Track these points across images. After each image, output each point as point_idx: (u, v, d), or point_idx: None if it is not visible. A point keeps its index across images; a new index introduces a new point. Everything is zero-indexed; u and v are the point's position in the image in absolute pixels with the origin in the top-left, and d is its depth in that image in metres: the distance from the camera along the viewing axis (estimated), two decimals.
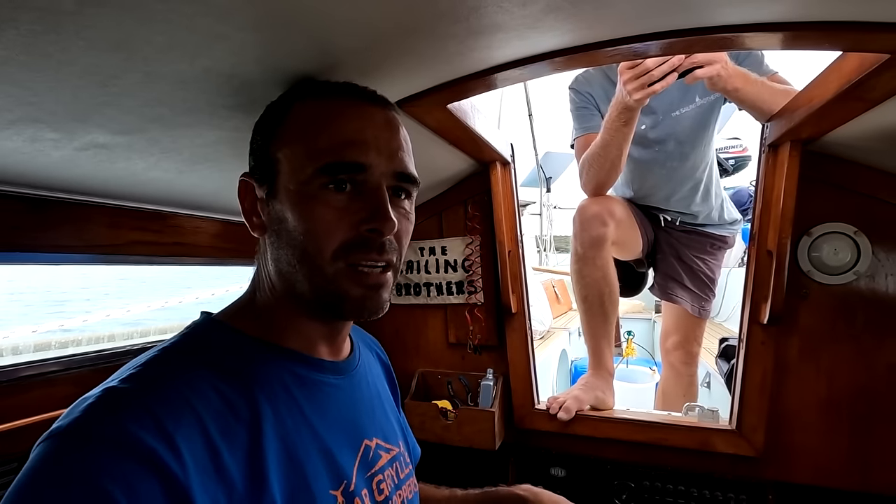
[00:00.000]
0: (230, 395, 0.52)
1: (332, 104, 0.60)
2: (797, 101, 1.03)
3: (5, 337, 3.02)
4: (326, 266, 0.56)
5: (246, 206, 0.62)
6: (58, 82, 0.54)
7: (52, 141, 0.64)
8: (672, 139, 1.69)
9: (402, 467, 0.72)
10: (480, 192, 1.48)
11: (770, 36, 0.70)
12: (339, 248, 0.56)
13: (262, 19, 0.52)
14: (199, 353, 0.55)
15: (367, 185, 0.57)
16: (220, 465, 0.47)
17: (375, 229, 0.56)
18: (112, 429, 0.43)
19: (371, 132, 0.58)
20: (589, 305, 1.61)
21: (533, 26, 0.63)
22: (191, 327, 0.59)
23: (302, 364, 0.62)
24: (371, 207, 0.56)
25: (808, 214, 1.18)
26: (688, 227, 1.90)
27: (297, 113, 0.60)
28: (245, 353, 0.57)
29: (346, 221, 0.56)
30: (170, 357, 0.53)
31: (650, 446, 1.35)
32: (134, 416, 0.44)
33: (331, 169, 0.55)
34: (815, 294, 1.20)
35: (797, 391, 1.22)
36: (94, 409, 0.45)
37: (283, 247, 0.58)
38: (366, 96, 0.62)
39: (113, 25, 0.47)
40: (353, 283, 0.57)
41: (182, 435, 0.45)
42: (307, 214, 0.56)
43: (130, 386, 0.48)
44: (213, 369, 0.53)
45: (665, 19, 0.67)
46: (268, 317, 0.62)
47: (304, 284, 0.58)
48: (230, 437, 0.49)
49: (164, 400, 0.47)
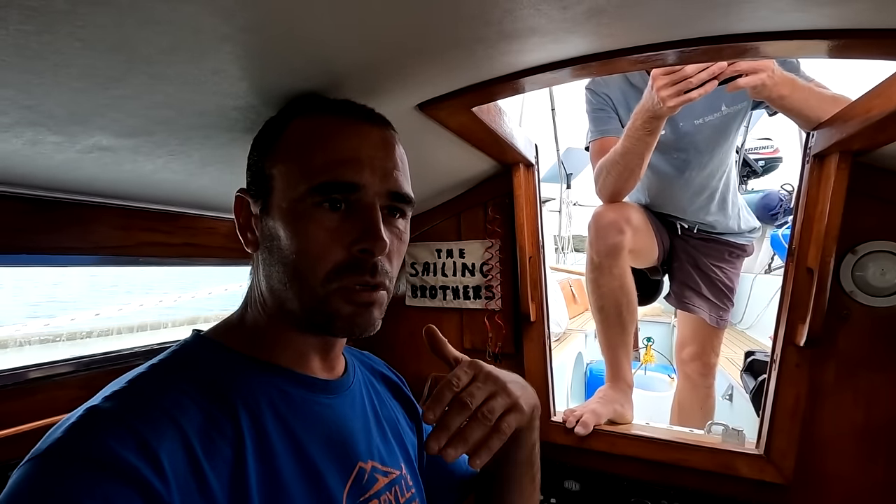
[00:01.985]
0: (215, 412, 0.51)
1: (327, 122, 0.59)
2: (852, 111, 0.95)
3: (17, 329, 3.08)
4: (318, 287, 0.56)
5: (241, 222, 0.62)
6: (55, 85, 0.50)
7: (54, 144, 0.61)
8: (692, 148, 1.62)
9: (404, 491, 0.69)
10: (502, 194, 1.42)
11: (817, 44, 0.64)
12: (332, 271, 0.56)
13: (268, 20, 0.47)
14: (186, 369, 0.54)
15: (360, 204, 0.56)
16: (204, 484, 0.46)
17: (367, 249, 0.55)
18: (94, 448, 0.42)
19: (366, 151, 0.57)
20: (605, 316, 1.55)
21: (571, 30, 0.57)
22: (180, 344, 0.59)
23: (291, 381, 0.60)
24: (363, 227, 0.56)
25: (854, 231, 1.10)
26: (705, 235, 1.83)
27: (293, 130, 0.59)
28: (232, 370, 0.56)
29: (338, 242, 0.56)
30: (155, 374, 0.53)
31: (669, 466, 1.29)
32: (116, 434, 0.43)
33: (325, 188, 0.55)
34: (857, 316, 1.12)
35: (832, 417, 1.15)
36: (76, 429, 0.44)
37: (275, 264, 0.58)
38: (362, 115, 0.61)
39: (110, 26, 0.43)
40: (344, 301, 0.57)
41: (165, 451, 0.44)
42: (300, 233, 0.55)
43: (113, 404, 0.47)
44: (199, 386, 0.52)
45: (708, 24, 0.62)
46: (258, 333, 0.61)
47: (294, 302, 0.57)
48: (214, 455, 0.48)
49: (147, 417, 0.46)
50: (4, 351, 2.96)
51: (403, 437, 0.77)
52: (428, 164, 1.18)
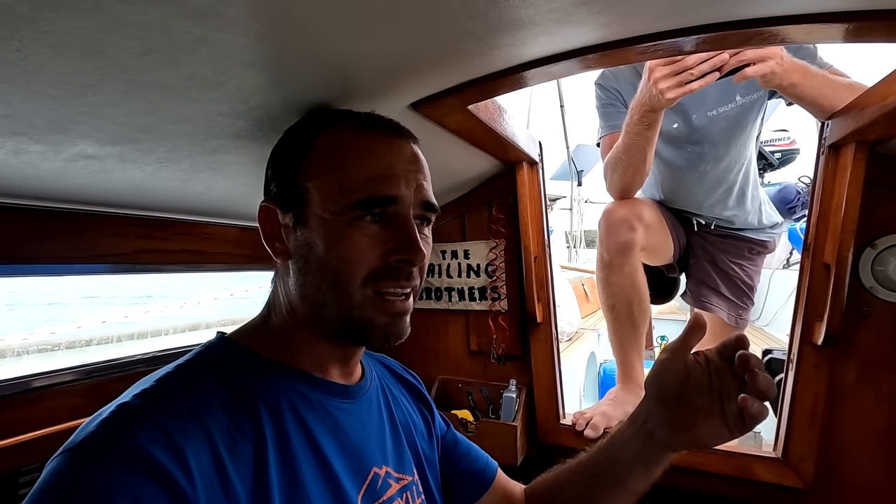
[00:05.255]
0: (238, 413, 0.52)
1: (361, 138, 0.61)
2: (867, 99, 0.90)
3: (24, 339, 3.14)
4: (355, 292, 0.58)
5: (267, 231, 0.63)
6: (30, 93, 0.49)
7: (38, 153, 0.60)
8: (707, 140, 1.57)
9: (415, 497, 0.70)
10: (506, 193, 1.39)
11: (830, 27, 0.60)
12: (367, 276, 0.58)
13: (244, 20, 0.45)
14: (212, 370, 0.56)
15: (397, 216, 0.60)
16: (227, 482, 0.47)
17: (406, 259, 0.59)
18: (123, 443, 0.44)
19: (401, 166, 0.61)
20: (616, 315, 1.51)
21: (562, 21, 0.55)
22: (205, 346, 0.61)
23: (312, 385, 0.62)
24: (401, 238, 0.59)
25: (873, 224, 1.05)
26: (723, 231, 1.77)
27: (323, 143, 0.61)
28: (255, 372, 0.58)
29: (376, 251, 0.59)
30: (182, 374, 0.55)
31: (683, 469, 1.25)
32: (145, 431, 0.45)
33: (366, 203, 0.58)
34: (879, 313, 1.07)
35: (853, 419, 1.10)
36: (107, 425, 0.46)
37: (312, 272, 0.60)
38: (392, 129, 0.64)
39: (77, 30, 0.41)
40: (379, 311, 0.59)
41: (191, 450, 0.45)
42: (341, 243, 0.58)
43: (143, 402, 0.49)
44: (224, 387, 0.54)
45: (709, 11, 0.58)
46: (282, 338, 0.63)
47: (332, 309, 0.59)
48: (237, 454, 0.49)
49: (175, 416, 0.47)
50: (3, 360, 3.01)
51: (417, 441, 0.77)
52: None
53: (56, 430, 0.91)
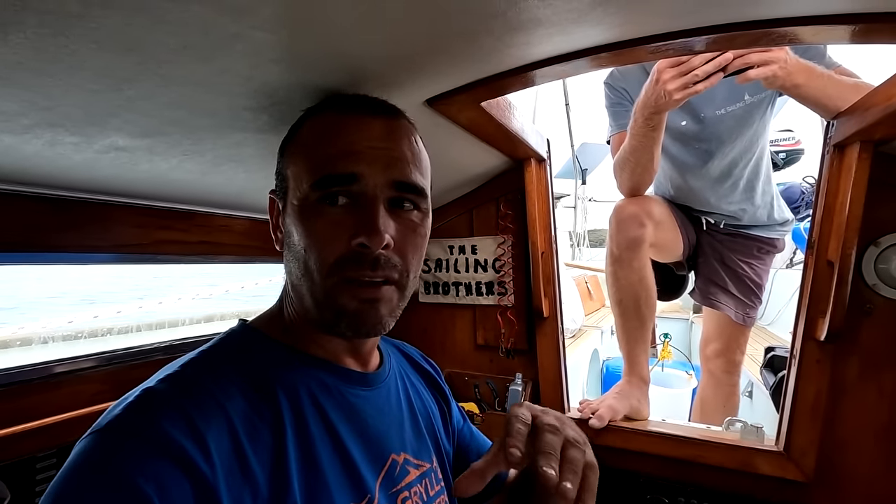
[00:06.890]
0: (258, 399, 0.53)
1: (333, 119, 0.59)
2: (872, 99, 0.92)
3: (43, 327, 3.18)
4: (323, 280, 0.56)
5: (273, 222, 0.64)
6: (71, 87, 0.51)
7: (73, 144, 0.63)
8: (714, 138, 1.58)
9: (433, 484, 0.70)
10: (514, 189, 1.41)
11: (837, 29, 0.61)
12: (333, 264, 0.55)
13: (278, 18, 0.48)
14: (233, 357, 0.57)
15: (361, 197, 0.56)
16: (247, 466, 0.48)
17: (363, 243, 0.54)
18: (148, 428, 0.45)
19: (365, 143, 0.57)
20: (624, 309, 1.53)
21: (578, 21, 0.57)
22: (227, 333, 0.61)
23: (329, 373, 0.62)
24: (360, 220, 0.55)
25: (877, 222, 1.07)
26: (732, 230, 1.78)
27: (305, 129, 0.61)
28: (275, 360, 0.59)
29: (343, 236, 0.55)
30: (206, 360, 0.55)
31: (686, 463, 1.28)
32: (168, 415, 0.46)
33: (323, 182, 0.55)
34: (881, 310, 1.09)
35: (854, 414, 1.12)
36: (132, 408, 0.47)
37: (291, 261, 0.59)
38: (367, 107, 0.60)
39: (122, 27, 0.44)
40: (349, 296, 0.56)
41: (212, 436, 0.46)
42: (307, 229, 0.56)
43: (167, 387, 0.50)
44: (244, 374, 0.54)
45: (719, 12, 0.60)
46: (294, 328, 0.63)
47: (308, 299, 0.58)
48: (256, 440, 0.50)
49: (197, 401, 0.48)
50: (30, 348, 3.06)
51: (436, 429, 0.77)
52: (439, 160, 1.17)
53: (75, 416, 0.93)
